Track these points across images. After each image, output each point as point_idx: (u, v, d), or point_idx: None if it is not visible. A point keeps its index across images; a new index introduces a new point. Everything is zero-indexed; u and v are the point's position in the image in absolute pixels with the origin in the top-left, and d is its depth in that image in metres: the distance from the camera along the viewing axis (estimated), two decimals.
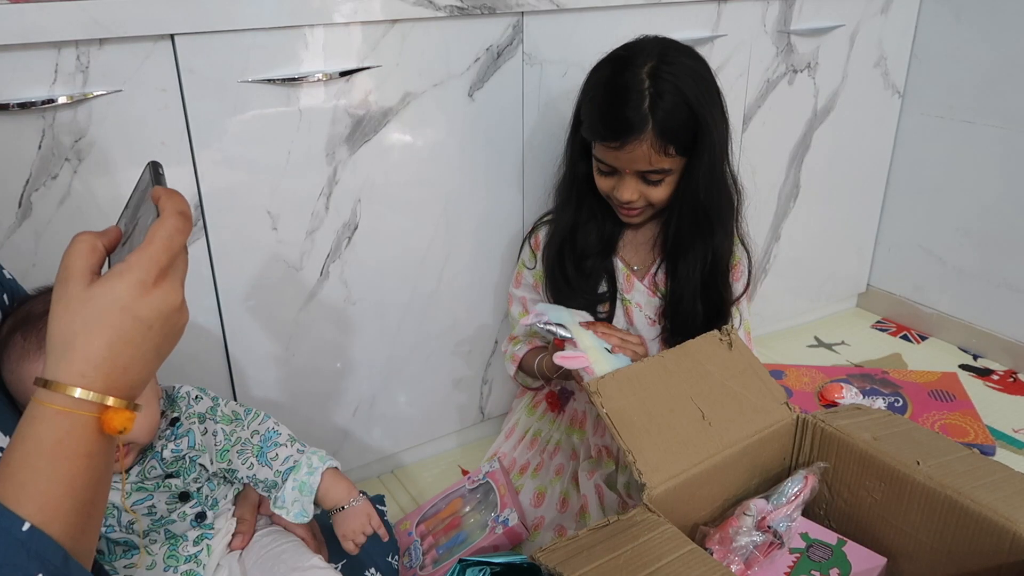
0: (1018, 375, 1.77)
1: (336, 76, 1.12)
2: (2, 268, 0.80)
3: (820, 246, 1.90)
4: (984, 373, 1.79)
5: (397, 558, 1.04)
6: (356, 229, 1.23)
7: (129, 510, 0.84)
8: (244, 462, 0.92)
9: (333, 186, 1.19)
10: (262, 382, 1.24)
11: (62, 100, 0.95)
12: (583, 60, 1.16)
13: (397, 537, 1.15)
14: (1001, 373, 1.79)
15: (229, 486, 0.95)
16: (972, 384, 1.73)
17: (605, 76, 1.11)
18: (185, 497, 0.88)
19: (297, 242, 1.19)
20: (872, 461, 0.92)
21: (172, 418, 0.89)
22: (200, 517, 0.89)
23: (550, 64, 1.31)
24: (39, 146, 0.97)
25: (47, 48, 0.94)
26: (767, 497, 0.94)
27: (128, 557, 0.86)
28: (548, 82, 1.32)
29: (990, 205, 1.76)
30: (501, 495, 1.25)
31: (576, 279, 1.21)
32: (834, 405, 1.51)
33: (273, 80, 1.08)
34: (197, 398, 0.93)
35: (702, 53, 1.14)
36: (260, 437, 0.93)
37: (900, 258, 1.98)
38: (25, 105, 0.94)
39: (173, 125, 1.04)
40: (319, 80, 1.11)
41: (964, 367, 1.81)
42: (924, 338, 1.95)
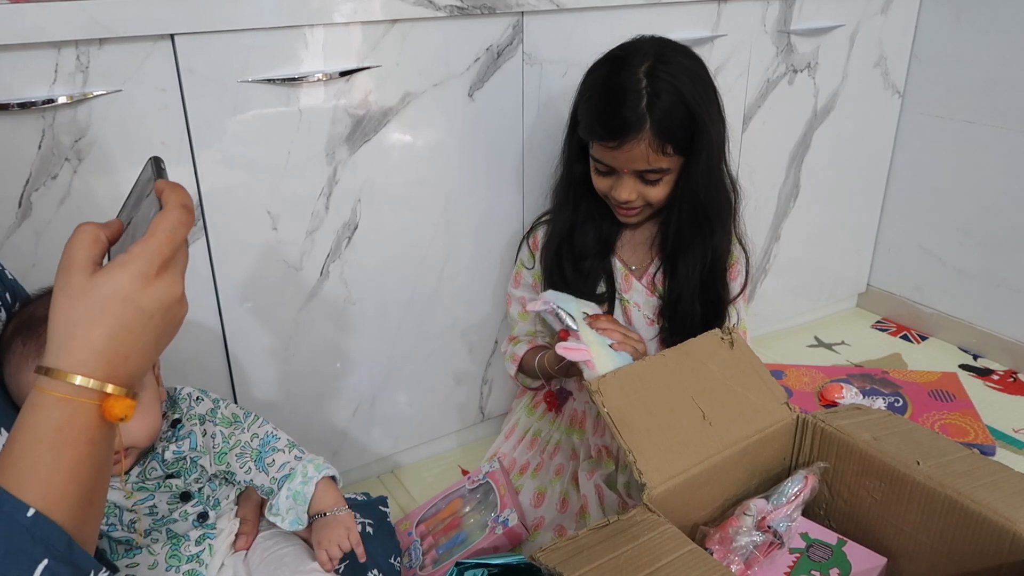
0: (1018, 375, 1.77)
1: (336, 76, 1.12)
2: (4, 268, 0.80)
3: (820, 246, 1.90)
4: (984, 373, 1.79)
5: (400, 560, 1.03)
6: (356, 229, 1.23)
7: (132, 506, 0.84)
8: (242, 466, 0.91)
9: (333, 186, 1.19)
10: (262, 382, 1.24)
11: (62, 100, 0.95)
12: (583, 60, 1.16)
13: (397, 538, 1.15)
14: (1001, 373, 1.79)
15: (231, 486, 0.94)
16: (972, 384, 1.73)
17: (602, 76, 1.11)
18: (187, 497, 0.88)
19: (297, 242, 1.19)
20: (872, 461, 0.92)
21: (173, 419, 0.89)
22: (202, 517, 0.89)
23: (550, 64, 1.31)
24: (39, 146, 0.97)
25: (47, 48, 0.94)
26: (767, 497, 0.94)
27: (130, 556, 0.86)
28: (548, 82, 1.32)
29: (990, 205, 1.76)
30: (501, 495, 1.25)
31: (574, 280, 1.21)
32: (834, 405, 1.51)
33: (273, 80, 1.08)
34: (198, 399, 0.93)
35: (702, 53, 1.15)
36: (259, 441, 0.93)
37: (900, 258, 1.98)
38: (25, 105, 0.94)
39: (173, 125, 1.04)
40: (319, 80, 1.11)
41: (964, 367, 1.81)
42: (924, 338, 1.95)
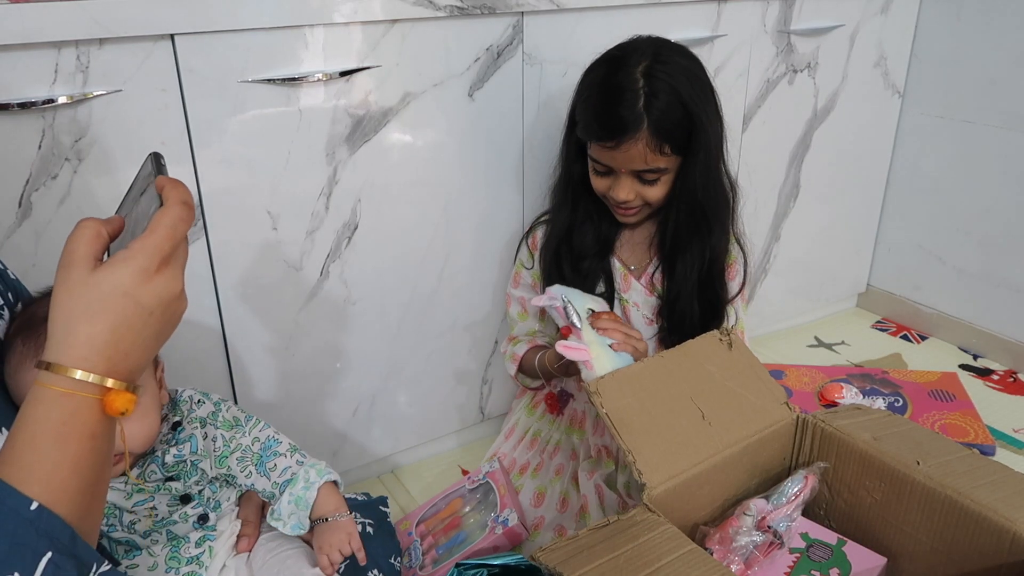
0: (1018, 375, 1.77)
1: (336, 76, 1.12)
2: (6, 268, 0.80)
3: (820, 246, 1.90)
4: (984, 373, 1.79)
5: (400, 560, 1.03)
6: (356, 229, 1.23)
7: (132, 507, 0.84)
8: (243, 470, 0.91)
9: (333, 186, 1.19)
10: (262, 382, 1.24)
11: (62, 100, 0.95)
12: (583, 60, 1.15)
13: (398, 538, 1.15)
14: (1001, 373, 1.79)
15: (232, 488, 0.94)
16: (972, 384, 1.73)
17: (599, 76, 1.11)
18: (187, 499, 0.88)
19: (297, 242, 1.19)
20: (872, 461, 0.92)
21: (174, 422, 0.89)
22: (202, 519, 0.89)
23: (550, 64, 1.31)
24: (39, 146, 0.97)
25: (47, 48, 0.94)
26: (767, 497, 0.94)
27: (130, 557, 0.86)
28: (548, 82, 1.32)
29: (990, 205, 1.76)
30: (501, 495, 1.25)
31: (573, 280, 1.21)
32: (834, 405, 1.51)
33: (273, 80, 1.08)
34: (199, 402, 0.92)
35: (702, 53, 1.15)
36: (260, 445, 0.92)
37: (900, 258, 1.98)
38: (25, 105, 0.94)
39: (173, 125, 1.04)
40: (319, 80, 1.11)
41: (964, 367, 1.81)
42: (924, 338, 1.95)
